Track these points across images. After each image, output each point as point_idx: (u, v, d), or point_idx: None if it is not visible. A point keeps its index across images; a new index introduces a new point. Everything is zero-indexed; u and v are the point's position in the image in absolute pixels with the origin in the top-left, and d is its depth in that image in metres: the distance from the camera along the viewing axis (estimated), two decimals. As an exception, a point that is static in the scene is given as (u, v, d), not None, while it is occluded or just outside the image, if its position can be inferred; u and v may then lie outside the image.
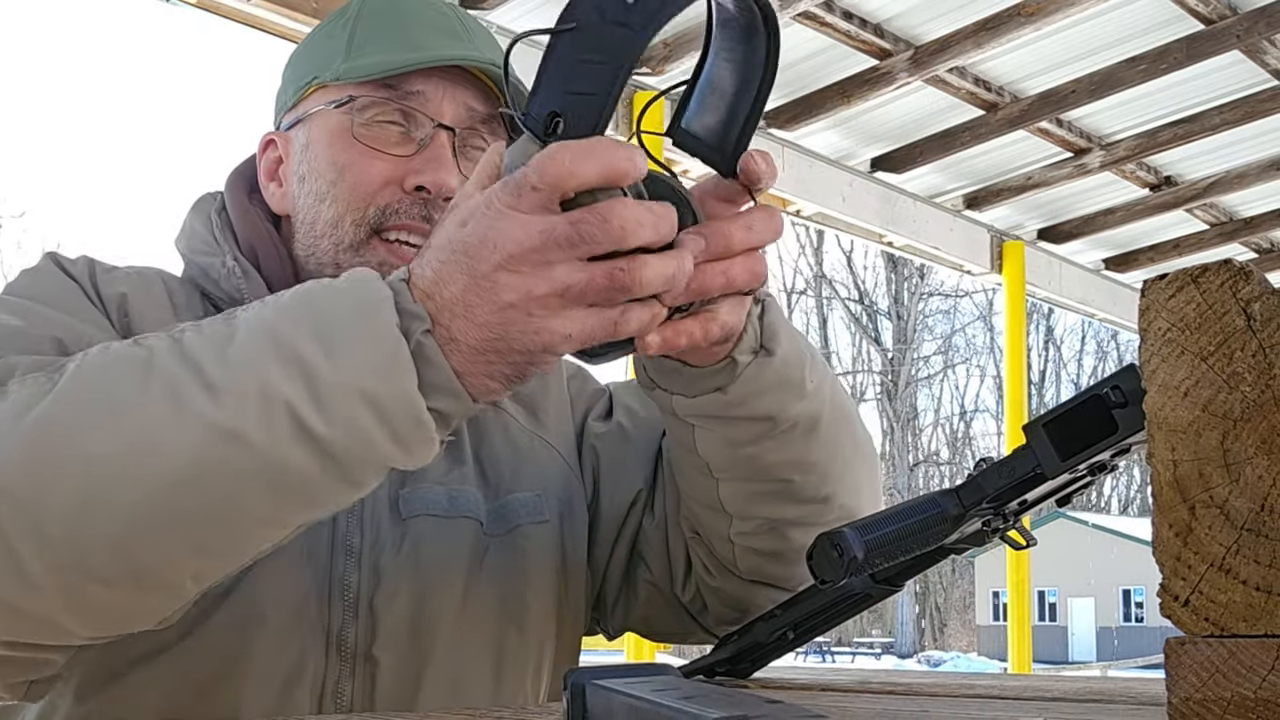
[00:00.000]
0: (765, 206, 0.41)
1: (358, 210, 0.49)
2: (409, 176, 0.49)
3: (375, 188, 0.49)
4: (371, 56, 0.50)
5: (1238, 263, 0.29)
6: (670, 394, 0.45)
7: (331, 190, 0.50)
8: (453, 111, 0.51)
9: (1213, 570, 0.28)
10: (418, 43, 0.51)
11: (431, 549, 0.49)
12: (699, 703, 0.20)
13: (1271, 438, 0.28)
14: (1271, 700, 0.27)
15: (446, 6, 0.54)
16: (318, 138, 0.51)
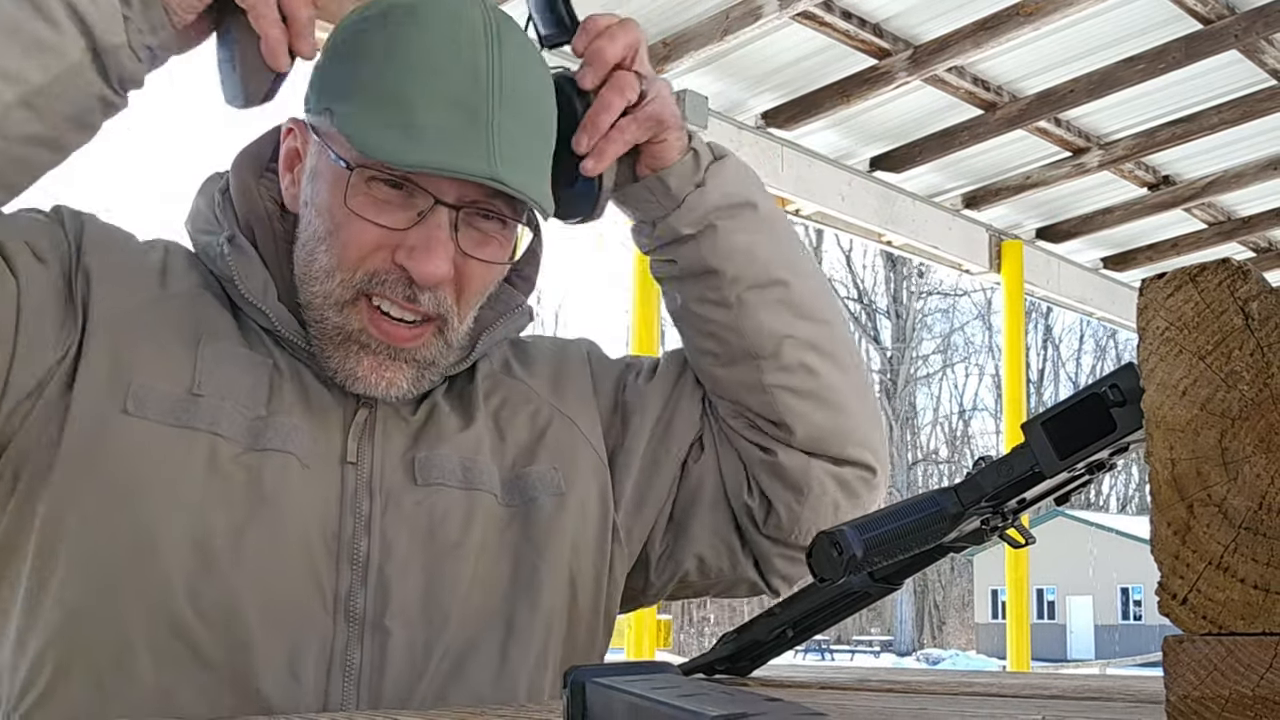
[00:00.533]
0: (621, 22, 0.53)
1: (348, 270, 0.48)
2: (400, 250, 0.47)
3: (367, 252, 0.48)
4: (378, 131, 0.46)
5: (1236, 262, 0.29)
6: (667, 216, 0.54)
7: (327, 239, 0.49)
8: (455, 193, 0.48)
9: (1211, 568, 0.28)
10: (425, 135, 0.45)
11: (446, 522, 0.49)
12: (698, 700, 0.20)
13: (1269, 436, 0.28)
14: (1269, 698, 0.27)
15: (487, 64, 0.46)
16: (322, 175, 0.49)
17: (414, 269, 0.47)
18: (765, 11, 1.89)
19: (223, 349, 0.49)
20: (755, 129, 2.35)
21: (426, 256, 0.47)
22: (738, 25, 1.93)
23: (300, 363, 0.50)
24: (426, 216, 0.47)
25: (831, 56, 2.15)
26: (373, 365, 0.49)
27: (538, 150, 0.49)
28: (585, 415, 0.57)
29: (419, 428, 0.52)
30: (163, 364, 0.47)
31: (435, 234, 0.47)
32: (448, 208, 0.47)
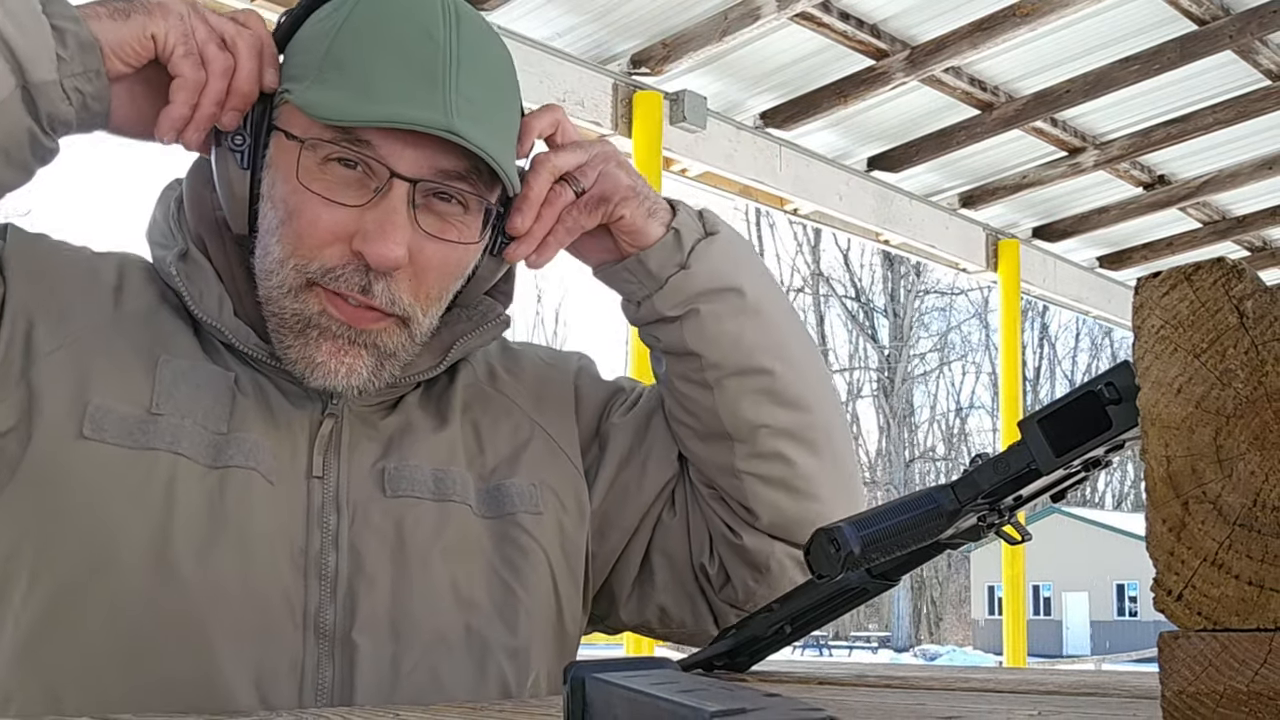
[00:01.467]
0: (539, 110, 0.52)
1: (302, 258, 0.46)
2: (355, 236, 0.45)
3: (322, 242, 0.46)
4: (330, 93, 0.45)
5: (1230, 260, 0.29)
6: (650, 296, 0.53)
7: (280, 228, 0.47)
8: (411, 164, 0.45)
9: (1206, 565, 0.29)
10: (377, 90, 0.44)
11: (415, 533, 0.48)
12: (697, 696, 0.20)
13: (1264, 434, 0.28)
14: (1264, 694, 0.27)
15: (444, 34, 0.46)
16: (278, 163, 0.47)
17: (368, 251, 0.45)
18: (764, 12, 1.90)
19: (181, 367, 0.48)
20: (754, 129, 2.35)
21: (381, 238, 0.45)
22: (736, 26, 1.93)
23: (263, 375, 0.49)
24: (382, 194, 0.45)
25: (829, 57, 2.15)
26: (331, 350, 0.47)
27: (500, 119, 0.47)
28: (566, 434, 0.56)
29: (389, 437, 0.50)
30: (120, 384, 0.46)
31: (390, 216, 0.45)
32: (404, 182, 0.45)
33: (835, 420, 0.56)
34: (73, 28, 0.43)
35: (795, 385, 0.54)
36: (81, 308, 0.47)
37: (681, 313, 0.52)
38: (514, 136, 0.49)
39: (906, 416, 19.22)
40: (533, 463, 0.54)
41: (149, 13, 0.45)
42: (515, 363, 0.58)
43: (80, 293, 0.48)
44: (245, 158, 0.48)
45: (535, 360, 0.60)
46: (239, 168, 0.48)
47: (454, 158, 0.46)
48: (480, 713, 0.35)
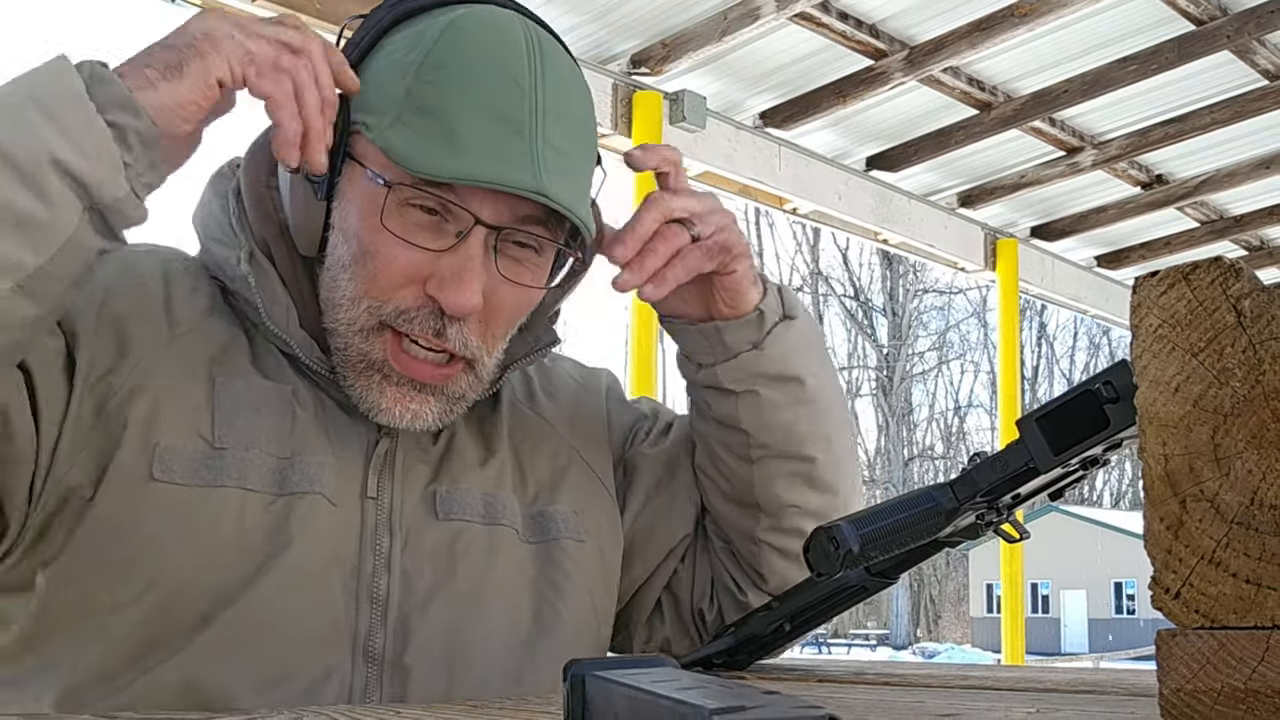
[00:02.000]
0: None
1: (375, 299, 0.46)
2: (431, 280, 0.45)
3: (397, 284, 0.45)
4: (417, 141, 0.44)
5: (1228, 260, 0.29)
6: (714, 365, 0.52)
7: (354, 265, 0.46)
8: (494, 212, 0.45)
9: (1203, 563, 0.29)
10: (467, 143, 0.43)
11: (466, 557, 0.48)
12: (697, 694, 0.20)
13: (1261, 432, 0.28)
14: (1261, 691, 0.27)
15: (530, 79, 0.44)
16: (354, 198, 0.46)
17: (444, 299, 0.45)
18: (763, 12, 1.90)
19: (238, 390, 0.46)
20: (753, 128, 2.35)
21: (458, 286, 0.45)
22: (736, 26, 1.93)
23: (321, 389, 0.49)
24: (463, 240, 0.45)
25: (828, 57, 2.15)
26: (396, 396, 0.46)
27: (582, 170, 0.47)
28: (600, 460, 0.56)
29: (439, 459, 0.50)
30: (183, 418, 0.45)
31: (469, 263, 0.45)
32: (486, 228, 0.45)
33: (856, 501, 0.56)
34: (132, 122, 0.39)
35: (831, 472, 0.54)
36: (138, 333, 0.46)
37: (741, 390, 0.52)
38: (591, 176, 0.49)
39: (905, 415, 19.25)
40: (572, 489, 0.54)
41: (201, 55, 0.41)
42: (550, 381, 0.58)
43: (135, 314, 0.46)
44: (322, 189, 0.46)
45: (568, 379, 0.60)
46: (315, 199, 0.46)
47: (535, 205, 0.46)
48: (481, 710, 0.35)
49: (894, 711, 0.35)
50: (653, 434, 0.59)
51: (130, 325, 0.46)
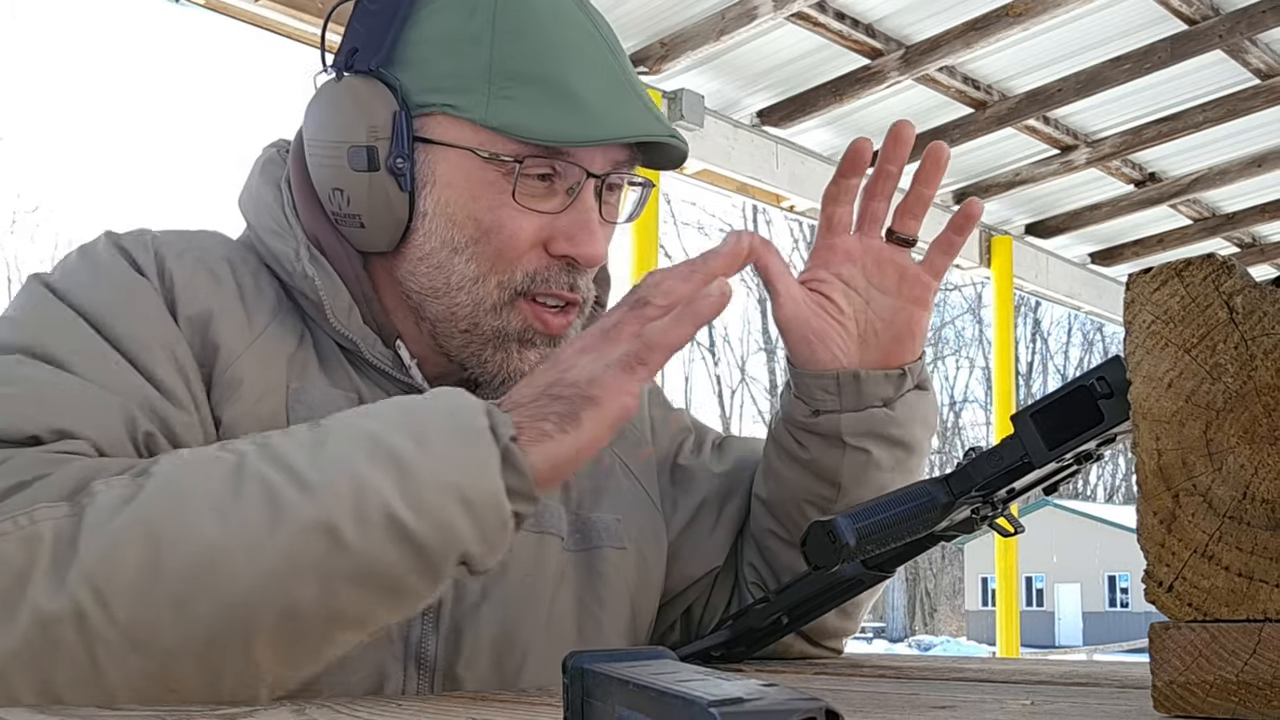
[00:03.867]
0: None
1: (504, 273, 0.45)
2: (555, 240, 0.45)
3: (523, 251, 0.45)
4: (533, 113, 0.43)
5: (1220, 257, 0.30)
6: (839, 413, 0.50)
7: (472, 247, 0.45)
8: (600, 162, 0.45)
9: (1196, 557, 0.29)
10: (586, 100, 0.43)
11: (518, 566, 0.47)
12: (696, 686, 0.20)
13: (1253, 428, 0.28)
14: (1253, 683, 0.27)
15: (590, 23, 0.45)
16: (455, 181, 0.45)
17: (579, 253, 0.45)
18: (760, 12, 1.90)
19: (312, 399, 0.45)
20: (750, 127, 2.35)
21: (589, 238, 0.45)
22: (733, 26, 1.93)
23: (381, 390, 0.47)
24: (578, 195, 0.45)
25: (825, 56, 2.15)
26: (536, 359, 0.46)
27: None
28: (642, 466, 0.55)
29: None
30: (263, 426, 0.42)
31: (589, 215, 0.45)
32: (595, 179, 0.45)
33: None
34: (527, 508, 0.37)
35: None
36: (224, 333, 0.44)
37: (855, 444, 0.50)
38: None
39: (901, 413, 19.18)
40: (614, 495, 0.53)
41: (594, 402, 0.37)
42: None
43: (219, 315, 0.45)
44: (406, 180, 0.45)
45: None
46: (400, 190, 0.45)
47: (625, 149, 0.46)
48: (483, 703, 0.35)
49: (890, 703, 0.35)
50: (705, 448, 0.57)
51: (215, 325, 0.44)
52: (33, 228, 22.32)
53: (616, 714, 0.23)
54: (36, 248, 15.10)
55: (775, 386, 18.03)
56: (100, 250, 0.45)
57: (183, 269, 0.45)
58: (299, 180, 0.48)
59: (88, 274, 0.44)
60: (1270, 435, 0.28)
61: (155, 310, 0.44)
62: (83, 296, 0.43)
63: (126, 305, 0.43)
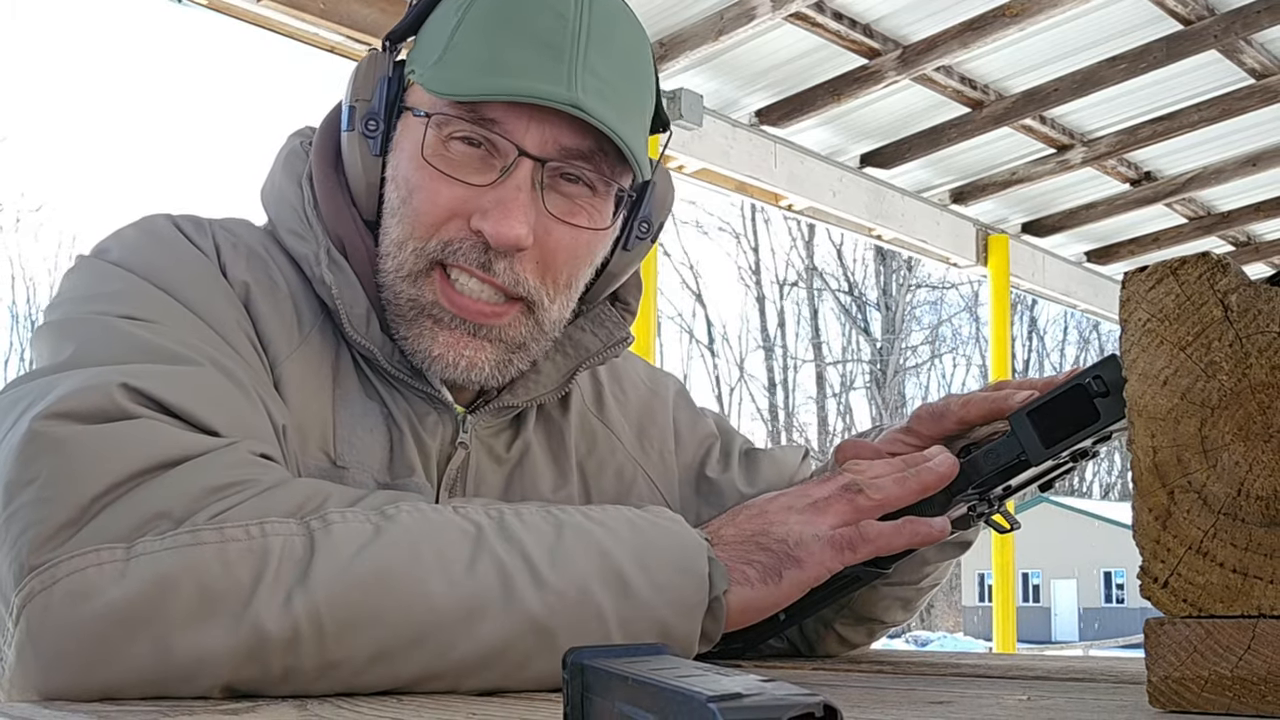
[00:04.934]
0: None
1: (420, 239, 0.44)
2: (475, 215, 0.43)
3: (440, 219, 0.43)
4: (456, 69, 0.43)
5: (1215, 255, 0.30)
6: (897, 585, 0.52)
7: (401, 208, 0.44)
8: (537, 142, 0.43)
9: (1191, 553, 0.29)
10: (502, 65, 0.42)
11: None
12: (695, 681, 0.20)
13: (1248, 425, 0.28)
14: (1247, 678, 0.28)
15: (574, 13, 0.43)
16: (402, 144, 0.45)
17: (488, 229, 0.42)
18: (759, 13, 1.90)
19: (353, 410, 0.45)
20: (749, 127, 2.35)
21: (502, 215, 0.42)
22: (732, 26, 1.93)
23: (401, 395, 0.46)
24: (508, 173, 0.43)
25: (823, 56, 2.15)
26: (449, 342, 0.44)
27: (631, 100, 0.44)
28: (664, 477, 0.55)
29: (510, 471, 0.49)
30: (313, 431, 0.43)
31: (515, 195, 0.43)
32: (530, 160, 0.43)
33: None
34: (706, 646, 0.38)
35: (927, 597, 0.55)
36: (276, 334, 0.44)
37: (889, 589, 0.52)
38: (646, 119, 0.46)
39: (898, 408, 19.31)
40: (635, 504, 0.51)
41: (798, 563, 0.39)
42: (618, 384, 0.56)
43: (273, 314, 0.44)
44: (378, 143, 0.45)
45: (637, 383, 0.57)
46: (371, 154, 0.45)
47: (580, 136, 0.43)
48: (484, 700, 0.35)
49: (888, 698, 0.35)
50: (732, 459, 0.56)
51: (269, 325, 0.44)
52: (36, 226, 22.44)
53: (616, 709, 0.23)
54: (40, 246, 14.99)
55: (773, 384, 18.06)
56: (161, 230, 0.44)
57: (236, 261, 0.45)
58: (322, 173, 0.47)
59: (156, 252, 0.43)
60: (1265, 432, 0.29)
61: (223, 303, 0.43)
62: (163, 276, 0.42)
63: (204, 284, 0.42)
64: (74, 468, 0.33)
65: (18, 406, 0.36)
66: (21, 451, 0.34)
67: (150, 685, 0.32)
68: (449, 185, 0.44)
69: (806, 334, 18.61)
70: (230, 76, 33.52)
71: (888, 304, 19.09)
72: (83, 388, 0.35)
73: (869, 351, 19.22)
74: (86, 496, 0.33)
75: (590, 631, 0.35)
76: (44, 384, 0.36)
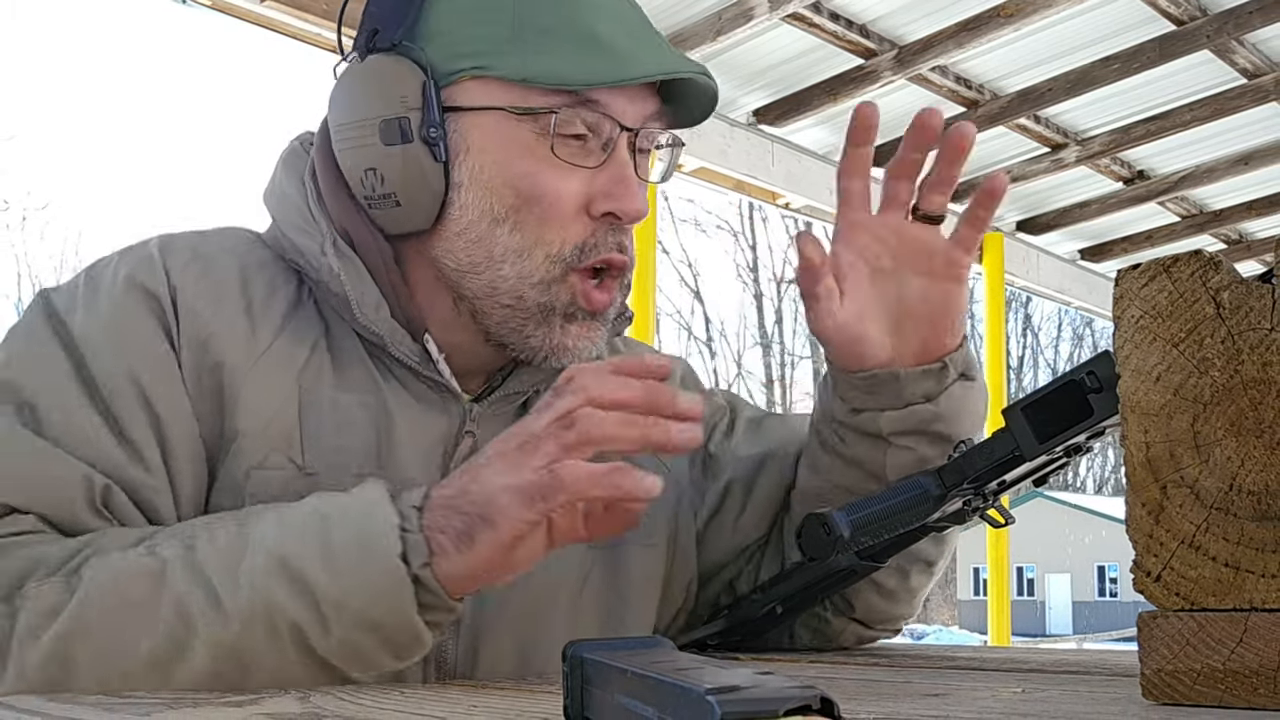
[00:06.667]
0: None
1: (551, 244, 0.43)
2: (597, 200, 0.43)
3: (569, 217, 0.43)
4: (559, 58, 0.41)
5: (1208, 253, 0.30)
6: (880, 410, 0.47)
7: (514, 216, 0.43)
8: (632, 115, 0.44)
9: (1183, 547, 0.29)
10: (613, 46, 0.42)
11: (540, 568, 0.43)
12: (693, 674, 0.21)
13: (1240, 420, 0.28)
14: (1239, 671, 0.28)
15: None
16: (489, 146, 0.43)
17: (623, 208, 0.43)
18: (756, 13, 1.90)
19: (324, 407, 0.43)
20: (747, 126, 2.35)
21: (629, 192, 0.43)
22: (730, 26, 1.93)
23: (405, 386, 0.45)
24: (613, 150, 0.43)
25: (820, 56, 2.16)
26: (579, 333, 0.45)
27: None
28: (675, 460, 0.53)
29: None
30: (271, 442, 0.42)
31: (627, 169, 0.44)
32: (628, 132, 0.44)
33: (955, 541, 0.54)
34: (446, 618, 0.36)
35: (952, 532, 0.51)
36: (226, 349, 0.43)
37: (898, 442, 0.47)
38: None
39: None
40: None
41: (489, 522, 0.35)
42: None
43: (221, 331, 0.43)
44: (440, 150, 0.43)
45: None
46: (434, 161, 0.43)
47: (653, 102, 0.45)
48: (484, 691, 0.35)
49: (883, 691, 0.35)
50: (737, 429, 0.55)
51: (218, 342, 0.43)
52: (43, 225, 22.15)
53: (615, 702, 0.23)
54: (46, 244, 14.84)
55: (771, 381, 18.03)
56: (106, 277, 0.44)
57: (186, 284, 0.44)
58: (325, 171, 0.46)
59: (86, 303, 0.43)
60: (1256, 428, 0.29)
61: (149, 344, 0.42)
62: (75, 328, 0.42)
63: (116, 342, 0.42)
64: None
65: None
66: None
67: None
68: (568, 177, 0.43)
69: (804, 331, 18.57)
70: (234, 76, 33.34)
71: (884, 302, 18.96)
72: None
73: (865, 349, 19.07)
74: None
75: (289, 645, 0.35)
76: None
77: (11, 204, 14.41)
